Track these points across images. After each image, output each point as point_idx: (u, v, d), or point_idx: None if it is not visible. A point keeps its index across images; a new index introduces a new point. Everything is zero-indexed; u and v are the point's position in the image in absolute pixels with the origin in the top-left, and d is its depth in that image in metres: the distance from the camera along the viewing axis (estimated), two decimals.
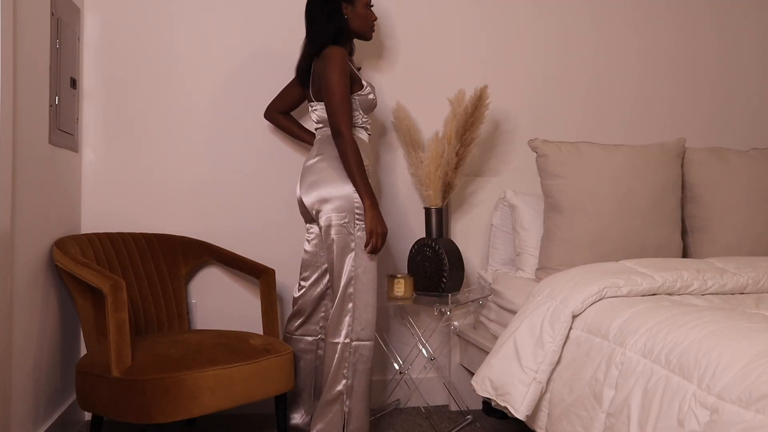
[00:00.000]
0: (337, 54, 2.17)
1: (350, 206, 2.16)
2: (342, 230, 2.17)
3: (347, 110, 2.17)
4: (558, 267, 2.29)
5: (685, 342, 1.45)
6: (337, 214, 2.17)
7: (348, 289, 2.18)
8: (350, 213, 2.17)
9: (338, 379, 2.19)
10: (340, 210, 2.17)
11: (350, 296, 2.18)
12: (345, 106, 2.16)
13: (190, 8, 2.69)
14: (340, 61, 2.17)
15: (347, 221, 2.17)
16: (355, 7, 2.29)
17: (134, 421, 1.91)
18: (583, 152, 2.43)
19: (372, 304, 2.21)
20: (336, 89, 2.15)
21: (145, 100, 2.66)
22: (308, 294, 2.35)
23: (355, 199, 2.17)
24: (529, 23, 2.99)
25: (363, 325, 2.19)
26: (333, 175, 2.19)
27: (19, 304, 1.95)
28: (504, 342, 1.94)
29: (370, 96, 2.31)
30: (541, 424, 1.86)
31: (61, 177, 2.36)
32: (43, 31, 2.15)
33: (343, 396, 2.19)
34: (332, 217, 2.17)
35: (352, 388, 2.19)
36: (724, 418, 1.24)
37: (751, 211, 2.50)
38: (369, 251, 2.17)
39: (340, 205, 2.17)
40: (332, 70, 2.16)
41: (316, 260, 2.33)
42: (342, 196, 2.17)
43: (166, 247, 2.55)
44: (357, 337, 2.19)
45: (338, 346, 2.18)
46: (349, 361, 2.19)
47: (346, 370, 2.19)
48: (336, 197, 2.17)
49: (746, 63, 3.22)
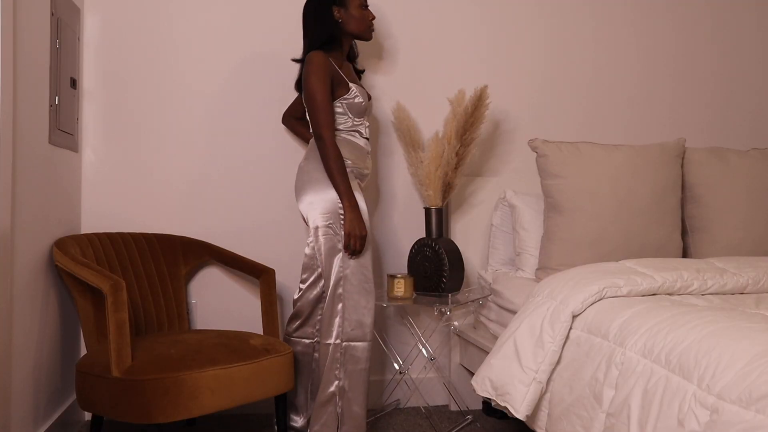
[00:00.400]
0: (315, 59, 2.20)
1: (334, 208, 2.19)
2: (328, 231, 2.19)
3: (327, 114, 2.20)
4: (558, 267, 2.29)
5: (685, 342, 1.45)
6: (322, 215, 2.19)
7: (337, 290, 2.19)
8: (334, 214, 2.19)
9: (330, 381, 2.19)
10: (324, 212, 2.19)
11: (339, 297, 2.19)
12: (324, 110, 2.19)
13: (190, 8, 2.70)
14: (318, 66, 2.19)
15: (332, 222, 2.19)
16: (347, 10, 2.30)
17: (134, 421, 1.91)
18: (583, 152, 2.43)
19: (364, 305, 2.21)
20: (314, 93, 2.19)
21: (145, 100, 2.66)
22: (306, 296, 2.35)
23: (339, 201, 2.18)
24: (529, 23, 2.99)
25: (353, 326, 2.20)
26: (316, 178, 2.22)
27: (19, 304, 1.95)
28: (504, 342, 1.94)
29: (357, 99, 2.29)
30: (541, 424, 1.86)
31: (61, 177, 2.36)
32: (43, 31, 2.15)
33: (335, 397, 2.19)
34: (318, 219, 2.20)
35: (344, 389, 2.20)
36: (724, 418, 1.24)
37: (751, 211, 2.50)
38: (348, 253, 2.18)
39: (324, 207, 2.20)
40: (310, 74, 2.19)
41: (313, 262, 2.33)
42: (326, 198, 2.19)
43: (166, 247, 2.55)
44: (347, 338, 2.20)
45: (330, 348, 2.19)
46: (340, 362, 2.19)
47: (338, 371, 2.19)
48: (321, 200, 2.20)
49: (746, 63, 3.22)
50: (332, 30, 2.29)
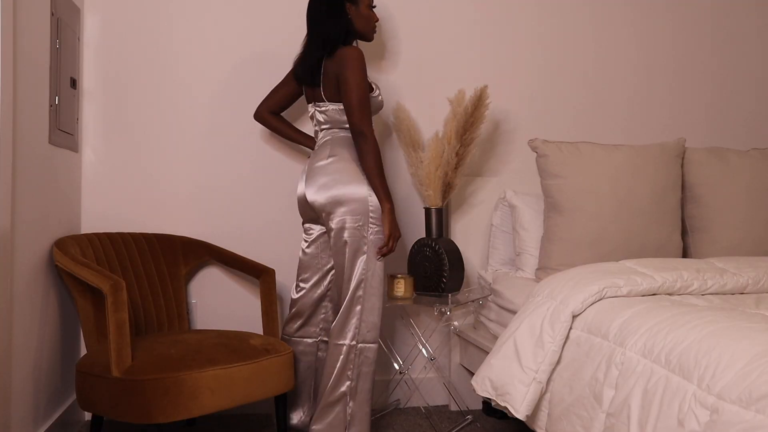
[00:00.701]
0: (357, 54, 2.19)
1: (365, 209, 2.17)
2: (356, 233, 2.17)
3: (368, 110, 2.19)
4: (558, 267, 2.29)
5: (685, 342, 1.45)
6: (351, 216, 2.17)
7: (357, 292, 2.19)
8: (365, 216, 2.17)
9: (342, 381, 2.19)
10: (354, 213, 2.17)
11: (359, 299, 2.19)
12: (366, 106, 2.18)
13: (190, 8, 2.69)
14: (361, 62, 2.18)
15: (361, 224, 2.17)
16: (358, 8, 2.29)
17: (134, 421, 1.91)
18: (583, 152, 2.43)
19: (378, 308, 2.22)
20: (357, 89, 2.16)
21: (145, 100, 2.66)
22: (308, 296, 2.34)
23: (370, 203, 2.17)
24: (529, 23, 2.99)
25: (369, 328, 2.20)
26: (348, 177, 2.19)
27: (19, 304, 1.95)
28: (504, 342, 1.94)
29: (380, 98, 2.34)
30: (541, 424, 1.86)
31: (61, 177, 2.36)
32: (43, 31, 2.15)
33: (346, 397, 2.19)
34: (346, 219, 2.17)
35: (355, 390, 2.20)
36: (724, 418, 1.24)
37: (751, 211, 2.50)
38: (383, 254, 2.19)
39: (355, 208, 2.17)
40: (354, 70, 2.16)
41: (316, 262, 2.33)
42: (357, 198, 2.17)
43: (166, 247, 2.55)
44: (363, 340, 2.20)
45: (344, 348, 2.19)
46: (354, 363, 2.19)
47: (351, 372, 2.19)
48: (351, 200, 2.17)
49: (746, 63, 3.22)
50: (347, 26, 2.27)
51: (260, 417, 2.63)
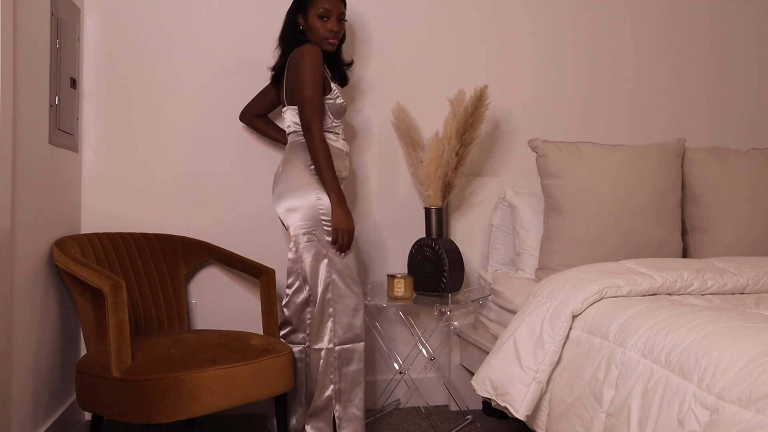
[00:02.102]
0: (310, 50, 2.19)
1: (315, 214, 2.18)
2: (312, 238, 2.18)
3: (318, 106, 2.18)
4: (558, 267, 2.29)
5: (685, 342, 1.45)
6: (304, 222, 2.18)
7: (326, 295, 2.19)
8: (315, 220, 2.18)
9: (326, 385, 2.19)
10: (306, 218, 2.18)
11: (329, 302, 2.19)
12: (316, 102, 2.17)
13: (191, 8, 2.69)
14: (314, 57, 2.18)
15: (314, 229, 2.18)
16: (307, 20, 2.31)
17: (134, 421, 1.91)
18: (583, 152, 2.43)
19: (353, 307, 2.21)
20: (308, 83, 2.16)
21: (145, 99, 2.66)
22: (292, 301, 2.30)
23: (320, 206, 2.17)
24: (529, 23, 2.99)
25: (344, 329, 2.20)
26: (297, 184, 2.20)
27: (19, 304, 1.95)
28: (504, 342, 1.94)
29: (339, 100, 2.30)
30: (541, 424, 1.86)
31: (61, 177, 2.36)
32: (43, 31, 2.15)
33: (332, 401, 2.19)
34: (299, 226, 2.19)
35: (340, 392, 2.20)
36: (724, 418, 1.24)
37: (751, 211, 2.50)
38: (337, 249, 2.18)
39: (305, 214, 2.18)
40: (305, 65, 2.17)
41: (297, 266, 2.30)
42: (306, 204, 2.18)
43: (166, 247, 2.55)
44: (340, 341, 2.19)
45: (322, 352, 2.19)
46: (334, 366, 2.19)
47: (333, 375, 2.19)
48: (300, 206, 2.18)
49: (746, 63, 3.22)
50: (297, 36, 2.31)
51: (260, 417, 2.63)
